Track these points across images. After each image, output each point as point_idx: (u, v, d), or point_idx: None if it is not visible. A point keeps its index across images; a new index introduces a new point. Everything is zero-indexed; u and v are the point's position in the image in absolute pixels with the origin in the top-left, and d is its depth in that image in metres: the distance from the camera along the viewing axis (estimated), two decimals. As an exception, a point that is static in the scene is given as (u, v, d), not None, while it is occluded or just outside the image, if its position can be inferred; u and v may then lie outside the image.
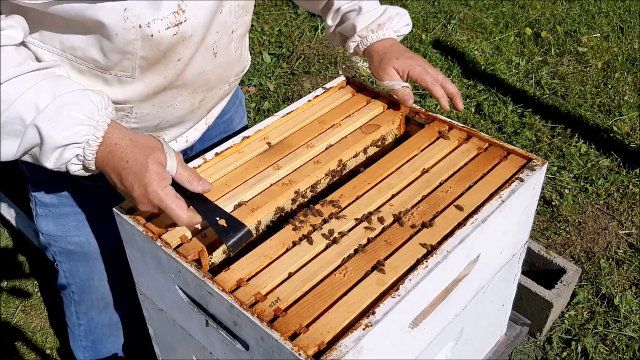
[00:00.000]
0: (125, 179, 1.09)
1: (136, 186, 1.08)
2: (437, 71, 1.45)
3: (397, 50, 1.47)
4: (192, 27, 1.17)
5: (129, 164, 1.08)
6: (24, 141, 1.07)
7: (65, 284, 1.65)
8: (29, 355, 2.34)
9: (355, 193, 1.30)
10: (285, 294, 1.08)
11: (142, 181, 1.07)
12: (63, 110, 1.05)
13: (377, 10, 1.48)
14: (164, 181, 1.08)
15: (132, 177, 1.08)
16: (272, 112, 3.39)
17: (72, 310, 1.73)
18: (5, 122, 1.05)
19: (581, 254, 2.64)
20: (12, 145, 1.07)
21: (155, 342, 1.52)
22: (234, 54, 1.33)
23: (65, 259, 1.58)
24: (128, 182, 1.09)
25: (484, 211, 1.23)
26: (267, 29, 4.07)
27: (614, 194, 2.91)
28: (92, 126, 1.07)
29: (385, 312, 1.03)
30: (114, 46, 1.12)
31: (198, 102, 1.35)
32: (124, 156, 1.09)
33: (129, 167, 1.08)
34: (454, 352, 1.42)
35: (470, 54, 3.89)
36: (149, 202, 1.09)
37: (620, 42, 4.02)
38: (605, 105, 3.46)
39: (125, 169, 1.08)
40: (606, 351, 2.27)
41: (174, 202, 1.08)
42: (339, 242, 1.17)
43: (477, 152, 1.40)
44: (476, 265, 1.27)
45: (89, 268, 1.59)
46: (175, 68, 1.21)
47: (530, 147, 3.18)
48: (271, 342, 1.01)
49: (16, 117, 1.04)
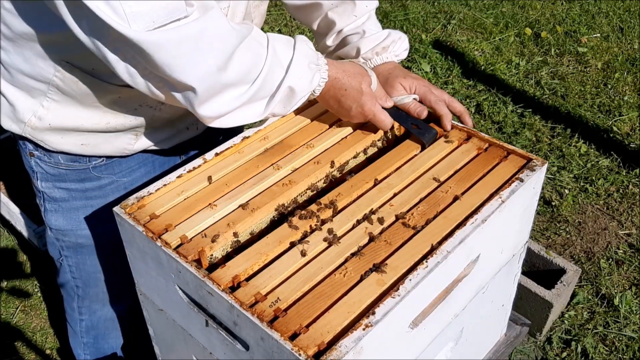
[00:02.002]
0: (344, 102, 1.36)
1: (354, 106, 1.36)
2: (442, 92, 1.49)
3: (401, 71, 1.52)
4: (231, 17, 1.30)
5: (347, 91, 1.35)
6: (276, 99, 1.25)
7: (70, 278, 1.66)
8: (29, 355, 2.34)
9: (353, 192, 1.30)
10: (285, 294, 1.08)
11: (359, 102, 1.36)
12: (302, 65, 1.26)
13: (381, 33, 1.52)
14: (374, 99, 1.38)
15: (351, 100, 1.36)
16: (272, 112, 3.38)
17: (74, 306, 1.73)
18: (261, 86, 1.21)
19: (581, 254, 2.64)
20: (261, 106, 1.26)
21: (155, 342, 1.52)
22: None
23: (72, 253, 1.59)
24: (347, 104, 1.36)
25: (484, 211, 1.23)
26: (267, 29, 4.07)
27: (614, 194, 2.91)
28: (321, 70, 1.30)
29: (385, 312, 1.03)
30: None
31: None
32: (342, 85, 1.34)
33: (347, 93, 1.35)
34: (454, 352, 1.42)
35: (470, 54, 3.89)
36: (362, 116, 1.39)
37: (620, 42, 4.02)
38: (605, 105, 3.46)
39: (344, 95, 1.35)
40: (606, 351, 2.27)
41: (382, 113, 1.39)
42: (339, 242, 1.17)
43: (477, 152, 1.40)
44: (476, 265, 1.27)
45: (96, 260, 1.61)
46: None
47: (530, 147, 3.18)
48: (271, 342, 1.01)
49: (269, 80, 1.22)
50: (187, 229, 1.21)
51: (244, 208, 1.26)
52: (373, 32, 1.52)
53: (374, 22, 1.55)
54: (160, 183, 1.31)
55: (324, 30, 1.59)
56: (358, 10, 1.51)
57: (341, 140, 1.45)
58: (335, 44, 1.58)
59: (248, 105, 1.23)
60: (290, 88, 1.25)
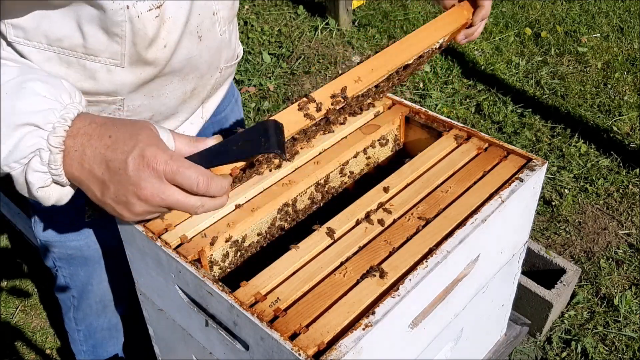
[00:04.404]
0: (112, 158, 0.82)
1: (130, 158, 0.81)
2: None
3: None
4: (171, 10, 1.13)
5: (113, 137, 0.83)
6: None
7: (65, 289, 1.65)
8: (29, 355, 2.34)
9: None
10: (285, 294, 1.08)
11: (135, 146, 0.80)
12: (28, 84, 0.85)
13: None
14: (168, 151, 0.84)
15: (121, 149, 0.82)
16: (272, 112, 3.39)
17: (71, 316, 1.73)
18: None
19: (581, 254, 2.64)
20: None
21: (155, 342, 1.52)
22: (220, 37, 1.31)
23: (65, 264, 1.58)
24: (117, 159, 0.81)
25: (484, 211, 1.23)
26: (267, 29, 4.07)
27: (613, 194, 2.91)
28: (60, 103, 0.85)
29: (385, 312, 1.03)
30: (101, 27, 1.09)
31: (190, 91, 1.34)
32: (104, 133, 0.84)
33: (114, 139, 0.83)
34: (454, 352, 1.42)
35: (470, 54, 3.89)
36: (152, 177, 0.81)
37: (620, 42, 4.02)
38: (605, 105, 3.46)
39: (109, 146, 0.82)
40: (606, 351, 2.27)
41: (191, 166, 0.84)
42: (339, 242, 1.17)
43: (477, 152, 1.40)
44: (476, 265, 1.27)
45: (88, 271, 1.59)
46: (163, 55, 1.19)
47: (530, 147, 3.18)
48: (271, 342, 1.01)
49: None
50: (187, 229, 1.21)
51: (240, 207, 1.26)
52: None
53: None
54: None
55: None
56: None
57: (341, 140, 1.45)
58: None
59: None
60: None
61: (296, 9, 4.28)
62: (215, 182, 0.87)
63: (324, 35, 4.06)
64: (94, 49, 1.13)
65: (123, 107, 1.26)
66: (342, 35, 4.07)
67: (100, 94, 1.20)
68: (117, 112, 1.26)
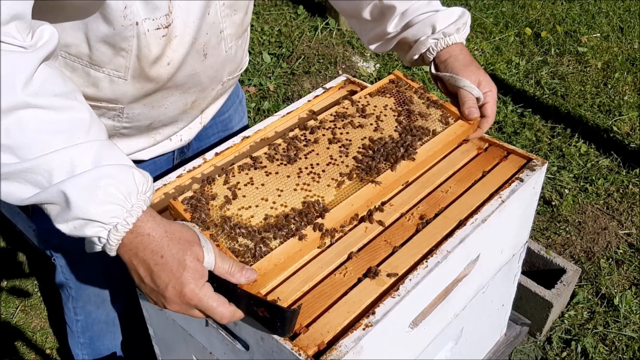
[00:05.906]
0: (157, 275, 0.96)
1: (171, 285, 0.96)
2: (495, 101, 1.40)
3: (475, 62, 1.42)
4: (179, 28, 1.16)
5: (164, 259, 0.95)
6: (43, 196, 0.91)
7: (63, 279, 1.65)
8: (29, 355, 2.34)
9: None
10: (285, 294, 1.08)
11: (179, 280, 0.95)
12: (102, 183, 0.91)
13: (454, 10, 1.40)
14: (202, 279, 0.97)
15: (167, 275, 0.96)
16: (272, 112, 3.39)
17: (70, 306, 1.73)
18: (31, 168, 0.89)
19: (581, 254, 2.64)
20: (27, 192, 0.91)
21: (155, 342, 1.52)
22: (225, 53, 1.31)
23: (61, 255, 1.58)
24: (161, 280, 0.96)
25: (484, 211, 1.23)
26: (267, 29, 4.07)
27: (614, 194, 2.91)
28: (125, 209, 0.93)
29: (385, 312, 1.03)
30: (108, 42, 1.11)
31: (190, 103, 1.35)
32: (158, 250, 0.96)
33: (164, 262, 0.95)
34: (454, 352, 1.42)
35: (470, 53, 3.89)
36: (183, 303, 0.97)
37: (620, 42, 4.02)
38: (605, 105, 3.46)
39: (159, 264, 0.96)
40: (606, 351, 2.27)
41: (214, 300, 0.97)
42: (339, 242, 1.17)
43: (477, 152, 1.40)
44: (476, 265, 1.27)
45: (84, 265, 1.60)
46: (166, 72, 1.21)
47: (530, 147, 3.18)
48: (271, 342, 1.01)
49: (45, 170, 0.89)
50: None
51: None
52: (444, 8, 1.38)
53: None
54: (160, 183, 1.31)
55: (378, 17, 1.45)
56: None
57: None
58: (398, 29, 1.43)
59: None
60: (65, 196, 0.90)
61: (296, 8, 4.28)
62: (235, 317, 1.01)
63: (324, 35, 4.05)
64: (99, 61, 1.15)
65: (122, 114, 1.27)
66: (342, 35, 4.07)
67: (101, 101, 1.22)
68: (117, 118, 1.28)
